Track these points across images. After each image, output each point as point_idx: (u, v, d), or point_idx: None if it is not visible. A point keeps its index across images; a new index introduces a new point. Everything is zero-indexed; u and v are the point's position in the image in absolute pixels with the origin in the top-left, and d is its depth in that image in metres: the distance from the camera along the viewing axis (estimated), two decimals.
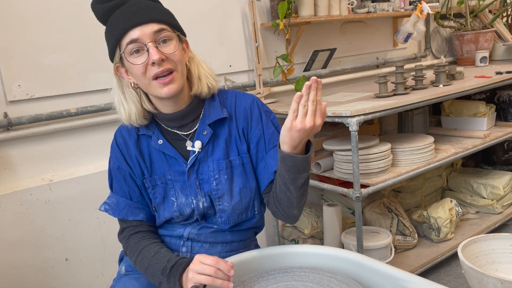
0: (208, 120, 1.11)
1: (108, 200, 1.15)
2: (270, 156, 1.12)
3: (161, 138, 1.11)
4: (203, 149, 1.11)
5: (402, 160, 1.96)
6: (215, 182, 1.11)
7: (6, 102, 1.61)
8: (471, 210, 2.55)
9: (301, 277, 0.99)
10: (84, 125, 1.76)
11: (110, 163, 1.16)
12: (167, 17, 1.04)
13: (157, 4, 1.06)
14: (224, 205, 1.12)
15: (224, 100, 1.16)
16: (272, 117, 1.18)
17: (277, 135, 1.14)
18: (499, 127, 2.51)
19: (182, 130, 1.13)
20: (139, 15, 1.00)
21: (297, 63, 2.38)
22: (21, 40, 1.61)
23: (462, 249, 1.33)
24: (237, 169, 1.12)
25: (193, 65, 1.12)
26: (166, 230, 1.17)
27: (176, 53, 1.02)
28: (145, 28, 0.99)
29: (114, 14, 1.03)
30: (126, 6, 1.02)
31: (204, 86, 1.11)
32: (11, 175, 1.65)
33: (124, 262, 1.23)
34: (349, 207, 2.34)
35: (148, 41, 0.99)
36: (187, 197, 1.12)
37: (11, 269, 1.61)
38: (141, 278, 1.15)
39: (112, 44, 1.04)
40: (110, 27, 1.03)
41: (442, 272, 2.12)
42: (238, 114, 1.14)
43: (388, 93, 1.97)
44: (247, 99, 1.16)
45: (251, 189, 1.14)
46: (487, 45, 2.91)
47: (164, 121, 1.12)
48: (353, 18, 2.35)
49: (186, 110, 1.10)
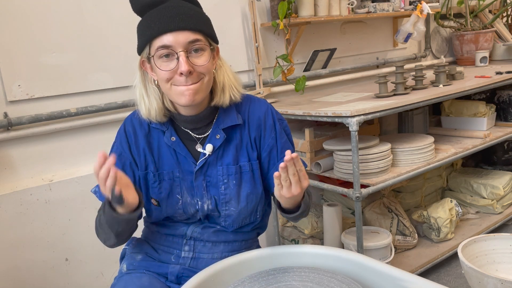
0: (222, 125, 1.11)
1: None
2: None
3: (174, 135, 1.10)
4: (214, 152, 1.11)
5: (402, 160, 1.96)
6: (224, 186, 1.11)
7: (6, 102, 1.61)
8: (471, 210, 2.55)
9: (301, 277, 0.99)
10: (84, 125, 1.76)
11: (112, 147, 1.15)
12: (204, 26, 1.02)
13: (197, 10, 1.04)
14: (230, 210, 1.12)
15: (239, 105, 1.14)
16: (284, 125, 1.18)
17: (289, 144, 1.16)
18: (499, 127, 2.51)
19: (195, 132, 1.12)
20: (176, 21, 0.97)
21: (297, 63, 2.38)
22: (21, 40, 1.61)
23: (462, 249, 1.33)
24: (246, 175, 1.12)
25: (220, 74, 1.10)
26: (169, 228, 1.17)
27: (205, 66, 1.01)
28: (180, 35, 0.98)
29: (152, 11, 1.01)
30: (165, 6, 1.00)
31: (226, 99, 1.10)
32: (11, 175, 1.65)
33: (126, 261, 1.23)
34: (349, 207, 2.34)
35: (180, 50, 0.98)
36: (193, 197, 1.12)
37: (11, 269, 1.61)
38: (143, 277, 1.14)
39: (142, 41, 1.03)
40: (144, 24, 1.02)
41: (442, 272, 2.12)
42: (252, 121, 1.14)
43: (388, 93, 1.97)
44: (262, 107, 1.15)
45: (257, 195, 1.14)
46: (487, 45, 2.91)
47: (179, 120, 1.12)
48: (353, 18, 2.35)
49: (202, 115, 1.10)
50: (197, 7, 1.06)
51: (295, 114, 1.90)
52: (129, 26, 1.83)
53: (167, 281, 1.17)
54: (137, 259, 1.19)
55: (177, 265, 1.16)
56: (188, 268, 1.15)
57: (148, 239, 1.22)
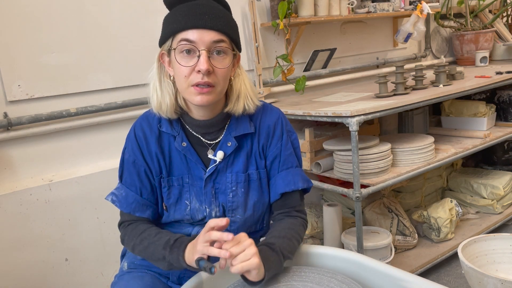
0: (234, 132, 1.10)
1: (117, 191, 1.11)
2: (281, 177, 1.11)
3: (185, 141, 1.09)
4: (224, 159, 1.10)
5: (402, 160, 1.96)
6: (232, 194, 1.10)
7: (6, 102, 1.61)
8: (471, 210, 2.55)
9: (301, 277, 0.99)
10: (84, 125, 1.76)
11: (124, 154, 1.12)
12: (231, 30, 1.02)
13: (226, 13, 1.03)
14: (236, 217, 1.11)
15: (252, 113, 1.13)
16: (293, 138, 1.16)
17: (294, 157, 1.14)
18: (499, 127, 2.51)
19: (206, 138, 1.11)
20: (205, 19, 0.97)
21: (297, 63, 2.38)
22: (21, 40, 1.61)
23: (462, 249, 1.33)
24: (254, 183, 1.12)
25: (237, 81, 1.09)
26: (174, 228, 1.15)
27: (224, 70, 1.00)
28: (205, 34, 0.97)
29: (182, 6, 1.00)
30: (196, 3, 0.99)
31: (239, 107, 1.08)
32: (11, 175, 1.65)
33: (127, 259, 1.22)
34: (349, 207, 2.34)
35: (202, 48, 0.97)
36: (201, 203, 1.10)
37: (11, 269, 1.61)
38: (145, 277, 1.13)
39: (166, 33, 1.01)
40: (171, 16, 1.01)
41: (442, 272, 2.11)
42: (262, 129, 1.13)
43: (388, 93, 1.97)
44: (273, 116, 1.14)
45: (264, 203, 1.13)
46: (487, 45, 2.91)
47: (190, 124, 1.10)
48: (353, 18, 2.35)
49: (214, 120, 1.09)
50: (227, 10, 1.05)
51: (295, 114, 1.90)
52: (129, 26, 1.83)
53: (168, 281, 1.17)
54: (138, 258, 1.18)
55: None
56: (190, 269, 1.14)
57: None
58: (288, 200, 1.13)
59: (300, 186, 1.11)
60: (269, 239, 1.04)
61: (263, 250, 0.97)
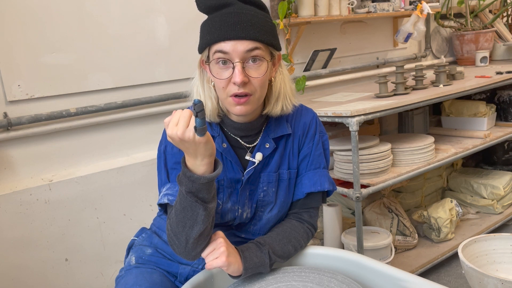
0: (272, 134, 1.10)
1: (169, 190, 1.06)
2: (307, 177, 1.12)
3: (225, 142, 1.09)
4: (261, 161, 1.10)
5: (402, 160, 1.96)
6: (263, 194, 1.10)
7: (6, 102, 1.61)
8: (471, 210, 2.55)
9: (301, 277, 0.99)
10: (84, 125, 1.76)
11: (166, 157, 1.08)
12: (265, 35, 0.99)
13: (260, 17, 1.00)
14: (263, 216, 1.12)
15: (288, 114, 1.13)
16: (324, 139, 1.16)
17: (323, 158, 1.14)
18: (499, 127, 2.51)
19: (244, 140, 1.11)
20: (237, 29, 0.95)
21: (297, 63, 2.38)
22: (21, 40, 1.61)
23: (463, 249, 1.33)
24: (284, 183, 1.12)
25: (277, 82, 1.07)
26: None
27: (260, 79, 0.99)
28: (239, 44, 0.96)
29: (215, 15, 0.99)
30: (228, 12, 0.98)
31: (278, 108, 1.08)
32: (11, 175, 1.65)
33: (134, 253, 1.20)
34: (349, 207, 2.33)
35: (236, 60, 0.96)
36: (234, 204, 1.10)
37: (11, 269, 1.61)
38: (154, 274, 1.13)
39: (203, 44, 1.01)
40: (207, 26, 1.00)
41: (442, 272, 2.11)
42: (297, 130, 1.13)
43: (388, 93, 1.97)
44: (308, 116, 1.15)
45: (288, 204, 1.14)
46: (487, 45, 2.91)
47: (229, 127, 1.10)
48: (353, 18, 2.35)
49: (253, 123, 1.08)
50: (262, 12, 1.03)
51: None
52: (129, 26, 1.83)
53: (175, 280, 1.16)
54: (147, 253, 1.18)
55: (188, 266, 1.16)
56: (199, 270, 1.13)
57: (159, 233, 1.21)
58: (310, 200, 1.14)
59: (326, 188, 1.12)
60: (264, 237, 1.06)
61: (250, 248, 1.01)
